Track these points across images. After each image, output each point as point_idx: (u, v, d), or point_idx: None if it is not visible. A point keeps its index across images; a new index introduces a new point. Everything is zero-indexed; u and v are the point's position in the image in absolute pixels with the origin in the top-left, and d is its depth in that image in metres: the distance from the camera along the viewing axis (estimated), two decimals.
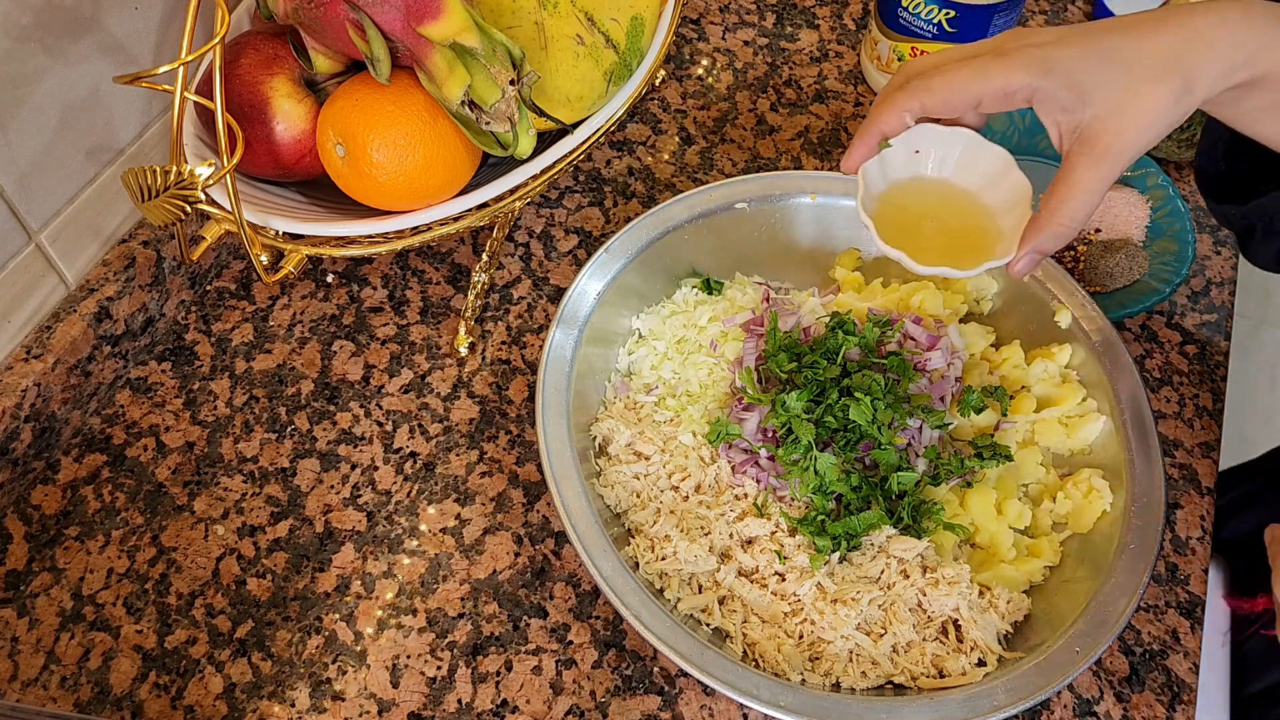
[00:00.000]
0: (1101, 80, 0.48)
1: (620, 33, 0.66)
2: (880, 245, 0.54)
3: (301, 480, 0.67)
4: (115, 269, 0.68)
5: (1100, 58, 0.48)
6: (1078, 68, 0.48)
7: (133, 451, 0.68)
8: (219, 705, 0.59)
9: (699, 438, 0.65)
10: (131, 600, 0.62)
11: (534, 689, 0.60)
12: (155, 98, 0.68)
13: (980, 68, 0.50)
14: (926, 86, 0.51)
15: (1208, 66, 0.47)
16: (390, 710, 0.59)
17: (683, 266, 0.74)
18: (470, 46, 0.56)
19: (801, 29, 0.97)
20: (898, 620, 0.59)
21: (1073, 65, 0.48)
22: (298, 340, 0.74)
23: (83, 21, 0.60)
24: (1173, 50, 0.48)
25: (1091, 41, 0.49)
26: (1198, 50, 0.47)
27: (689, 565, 0.60)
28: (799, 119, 0.90)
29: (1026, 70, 0.48)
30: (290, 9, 0.58)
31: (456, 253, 0.79)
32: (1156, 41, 0.48)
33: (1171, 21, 0.48)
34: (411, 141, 0.60)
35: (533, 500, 0.67)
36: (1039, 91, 0.49)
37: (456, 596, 0.63)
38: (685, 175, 0.85)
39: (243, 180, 0.66)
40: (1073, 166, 0.49)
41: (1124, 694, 0.62)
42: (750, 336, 0.68)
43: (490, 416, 0.71)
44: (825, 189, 0.74)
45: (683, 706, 0.60)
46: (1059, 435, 0.66)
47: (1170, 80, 0.47)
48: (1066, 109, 0.49)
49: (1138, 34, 0.48)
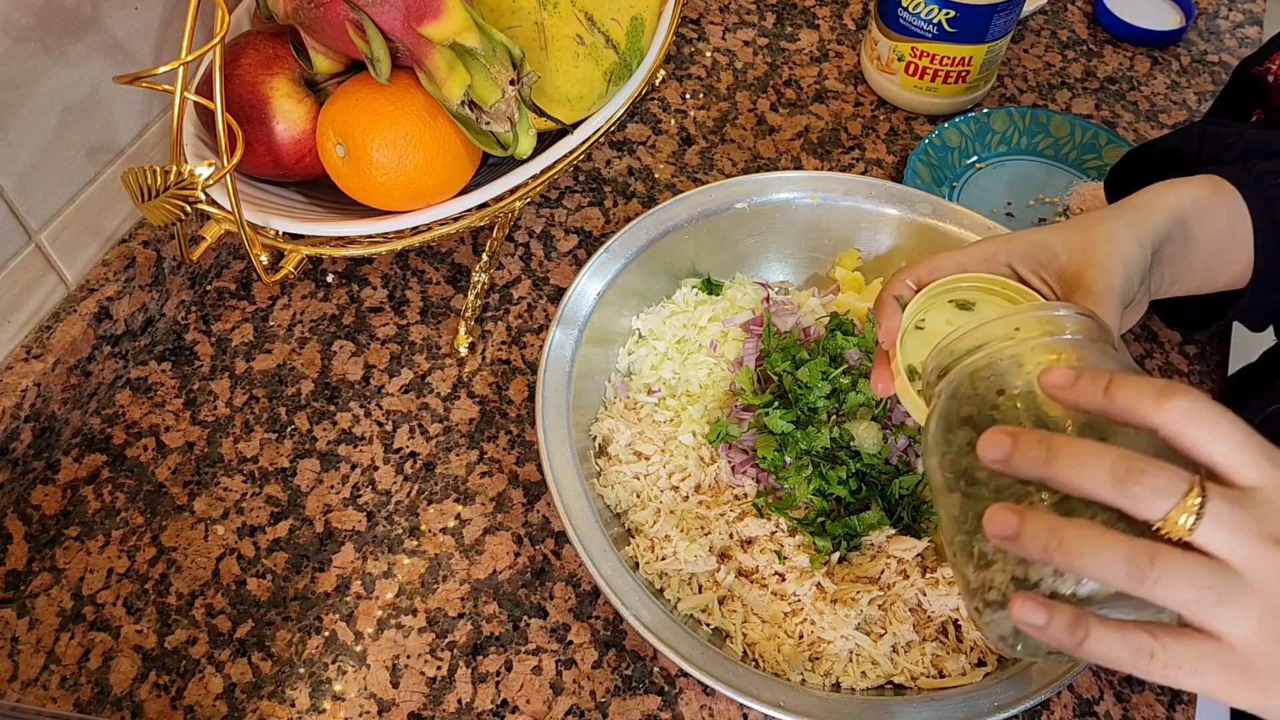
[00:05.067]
0: (1058, 235, 0.54)
1: (620, 33, 0.66)
2: None
3: (301, 480, 0.67)
4: (115, 269, 0.68)
5: (1051, 227, 0.56)
6: (1035, 234, 0.55)
7: (133, 451, 0.68)
8: (219, 705, 0.59)
9: (699, 438, 0.65)
10: (131, 600, 0.62)
11: (534, 689, 0.60)
12: (155, 98, 0.68)
13: (956, 250, 0.56)
14: (916, 265, 0.56)
15: (1130, 206, 0.56)
16: (390, 710, 0.59)
17: (683, 266, 0.74)
18: (470, 46, 0.56)
19: (801, 29, 0.97)
20: (897, 620, 0.59)
21: (1030, 234, 0.55)
22: (298, 340, 0.74)
23: (83, 21, 0.60)
24: (1100, 210, 0.56)
25: (1042, 228, 0.56)
26: (1118, 205, 0.56)
27: (689, 565, 0.60)
28: (799, 119, 0.90)
29: (994, 242, 0.55)
30: (290, 9, 0.58)
31: (456, 253, 0.79)
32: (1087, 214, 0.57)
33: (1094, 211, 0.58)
34: (411, 141, 0.60)
35: (533, 500, 0.67)
36: (1011, 254, 0.54)
37: (456, 596, 0.63)
38: (685, 175, 0.85)
39: (243, 180, 0.66)
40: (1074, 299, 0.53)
41: (1124, 694, 0.62)
42: (750, 337, 0.68)
43: (490, 416, 0.71)
44: (825, 189, 0.74)
45: (683, 706, 0.60)
46: None
47: (1109, 217, 0.55)
48: (1041, 263, 0.54)
49: (1076, 217, 0.58)
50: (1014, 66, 0.96)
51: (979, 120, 0.88)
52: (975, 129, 0.88)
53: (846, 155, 0.88)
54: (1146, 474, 0.37)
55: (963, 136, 0.87)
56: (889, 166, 0.87)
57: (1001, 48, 0.87)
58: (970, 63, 0.86)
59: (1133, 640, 0.38)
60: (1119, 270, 0.52)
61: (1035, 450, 0.40)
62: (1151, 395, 0.39)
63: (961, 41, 0.84)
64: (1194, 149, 0.64)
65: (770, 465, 0.63)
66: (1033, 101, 0.94)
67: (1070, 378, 0.41)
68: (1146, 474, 0.37)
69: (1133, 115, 0.93)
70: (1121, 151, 0.85)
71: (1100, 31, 1.01)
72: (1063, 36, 1.00)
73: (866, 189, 0.74)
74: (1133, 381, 0.39)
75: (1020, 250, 0.54)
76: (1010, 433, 0.41)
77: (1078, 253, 0.53)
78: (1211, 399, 0.39)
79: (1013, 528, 0.39)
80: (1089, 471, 0.38)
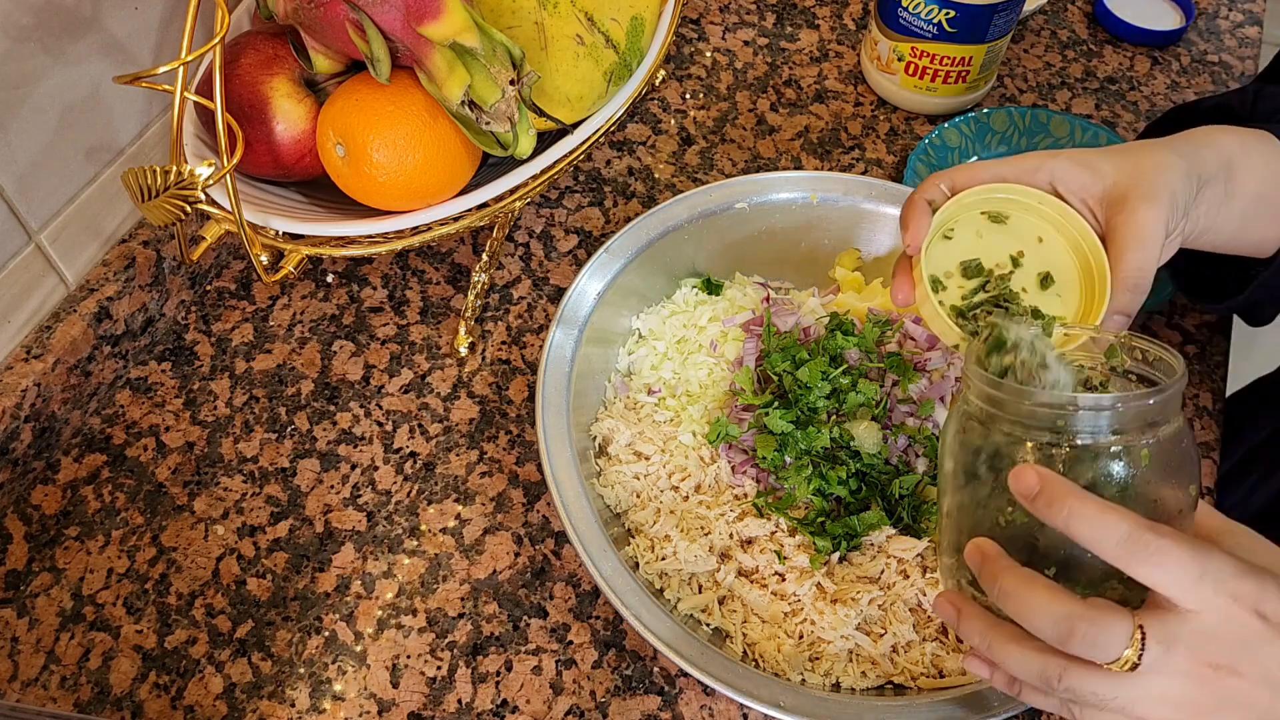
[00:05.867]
0: (1106, 157, 0.53)
1: (620, 33, 0.66)
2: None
3: (301, 480, 0.67)
4: (115, 269, 0.68)
5: (1096, 150, 0.55)
6: (1081, 153, 0.54)
7: (133, 451, 0.68)
8: (219, 705, 0.59)
9: (699, 438, 0.65)
10: (131, 600, 0.62)
11: (534, 689, 0.60)
12: (155, 98, 0.68)
13: (997, 159, 0.55)
14: (953, 169, 0.55)
15: (1184, 142, 0.55)
16: (390, 710, 0.59)
17: (683, 266, 0.74)
18: (470, 46, 0.56)
19: (801, 29, 0.97)
20: (897, 620, 0.59)
21: (1078, 154, 0.54)
22: (298, 340, 0.74)
23: (83, 21, 0.60)
24: (1151, 140, 0.56)
25: (1086, 149, 0.56)
26: (1172, 138, 0.56)
27: (689, 565, 0.60)
28: (799, 119, 0.90)
29: (1037, 155, 0.54)
30: (290, 9, 0.58)
31: (456, 253, 0.79)
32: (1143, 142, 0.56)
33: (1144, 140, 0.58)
34: (411, 141, 0.60)
35: (533, 500, 0.67)
36: (1055, 169, 0.53)
37: (456, 596, 0.63)
38: (685, 175, 0.85)
39: (243, 180, 0.66)
40: (1115, 226, 0.53)
41: None
42: (750, 337, 0.68)
43: (490, 416, 0.71)
44: (825, 189, 0.74)
45: (683, 706, 0.60)
46: None
47: (1161, 147, 0.54)
48: (1084, 184, 0.53)
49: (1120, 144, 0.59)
50: (1014, 66, 0.96)
51: (979, 120, 0.88)
52: (975, 129, 0.88)
53: (846, 155, 0.88)
54: (1086, 637, 0.41)
55: (963, 136, 0.87)
56: (889, 166, 0.87)
57: (1001, 48, 0.87)
58: (970, 63, 0.86)
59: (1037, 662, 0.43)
60: (1165, 198, 0.51)
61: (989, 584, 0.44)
62: (1099, 532, 0.41)
63: (961, 41, 0.84)
64: (1247, 106, 0.63)
65: (770, 465, 0.63)
66: (1033, 101, 0.94)
67: (1033, 488, 0.43)
68: (1086, 637, 0.41)
69: (1133, 115, 0.93)
70: None
71: (1100, 31, 1.01)
72: (1063, 36, 1.00)
73: (866, 189, 0.74)
74: (1083, 516, 0.41)
75: (1064, 168, 0.53)
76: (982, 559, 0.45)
77: (1125, 176, 0.52)
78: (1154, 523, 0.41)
79: (953, 617, 0.47)
80: (1036, 620, 0.42)
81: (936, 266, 0.56)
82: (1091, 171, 0.53)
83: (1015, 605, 0.43)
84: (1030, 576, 0.43)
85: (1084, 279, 0.55)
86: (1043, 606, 0.42)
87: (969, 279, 0.56)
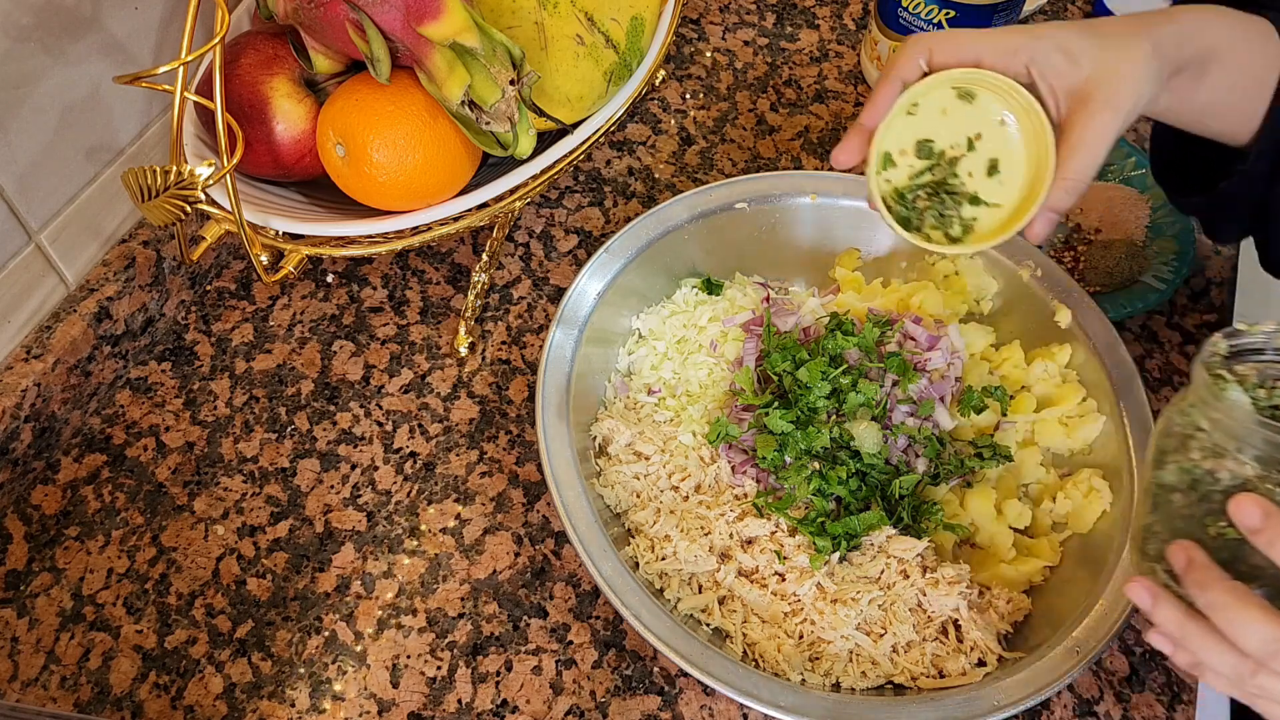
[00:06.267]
0: (1087, 45, 0.54)
1: (620, 33, 0.66)
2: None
3: (301, 480, 0.67)
4: (115, 269, 0.68)
5: (1081, 29, 0.55)
6: (1064, 36, 0.54)
7: (133, 451, 0.68)
8: (219, 705, 0.59)
9: (699, 438, 0.65)
10: (131, 600, 0.62)
11: (534, 689, 0.60)
12: (155, 98, 0.68)
13: (981, 30, 0.56)
14: (935, 38, 0.56)
15: (1169, 29, 0.55)
16: (390, 710, 0.59)
17: (683, 266, 0.74)
18: (470, 46, 0.56)
19: (801, 29, 0.97)
20: (898, 620, 0.59)
21: (1060, 34, 0.54)
22: (298, 340, 0.74)
23: (83, 21, 0.60)
24: (1139, 20, 0.56)
25: (1073, 23, 0.56)
26: (1159, 20, 0.55)
27: (689, 565, 0.60)
28: (799, 119, 0.90)
29: (1021, 34, 0.54)
30: (290, 9, 0.58)
31: (456, 253, 0.79)
32: (1126, 19, 0.57)
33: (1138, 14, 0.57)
34: (411, 141, 0.60)
35: (533, 500, 0.67)
36: (1035, 52, 0.54)
37: (456, 596, 0.63)
38: (685, 175, 0.85)
39: (243, 180, 0.66)
40: (1073, 124, 0.53)
41: (1124, 694, 0.62)
42: (750, 337, 0.68)
43: (490, 416, 0.71)
44: (825, 189, 0.74)
45: (683, 706, 0.60)
46: (1059, 435, 0.66)
47: (1141, 40, 0.54)
48: (1060, 73, 0.54)
49: (1111, 20, 0.58)
50: None
51: None
52: None
53: None
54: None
55: None
56: None
57: None
58: None
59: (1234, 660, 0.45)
60: (1129, 105, 0.53)
61: (1198, 591, 0.46)
62: None
63: None
64: None
65: (770, 465, 0.63)
66: None
67: (1256, 524, 0.44)
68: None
69: None
70: (1120, 151, 0.85)
71: None
72: None
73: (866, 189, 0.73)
74: None
75: (1044, 53, 0.54)
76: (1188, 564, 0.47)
77: (1099, 72, 0.53)
78: None
79: (1148, 604, 0.48)
80: (1244, 638, 0.44)
81: (893, 142, 0.57)
82: (1071, 62, 0.54)
83: (1225, 617, 0.45)
84: (1244, 594, 0.44)
85: (1031, 170, 0.56)
86: (1253, 625, 0.44)
87: (920, 159, 0.57)
